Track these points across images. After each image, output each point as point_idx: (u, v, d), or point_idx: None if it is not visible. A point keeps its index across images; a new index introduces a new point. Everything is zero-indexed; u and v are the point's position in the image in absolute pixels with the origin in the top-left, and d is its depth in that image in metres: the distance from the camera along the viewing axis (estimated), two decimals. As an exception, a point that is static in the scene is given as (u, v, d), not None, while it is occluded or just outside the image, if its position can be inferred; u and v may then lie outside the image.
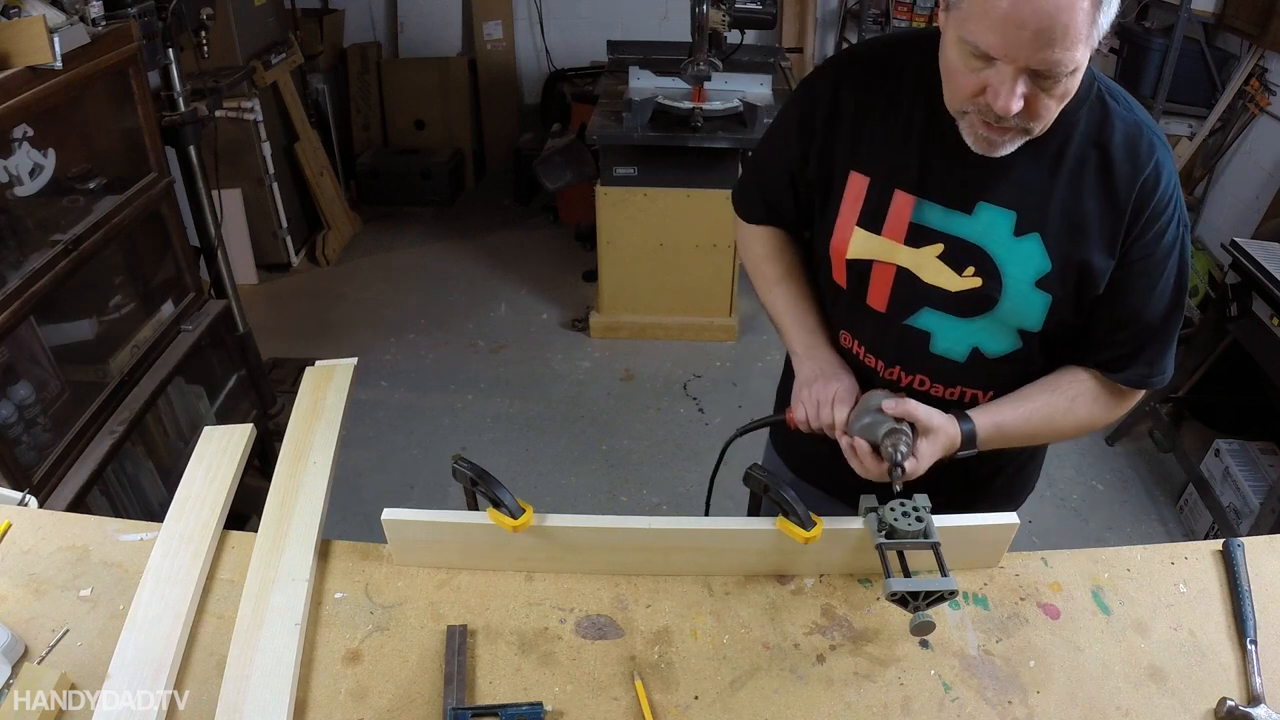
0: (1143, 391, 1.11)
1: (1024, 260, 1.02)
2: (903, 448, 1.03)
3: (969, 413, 1.08)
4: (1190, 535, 2.67)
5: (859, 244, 1.09)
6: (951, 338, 1.10)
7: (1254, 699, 0.94)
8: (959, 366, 1.12)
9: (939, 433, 1.05)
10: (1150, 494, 2.86)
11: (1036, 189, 1.00)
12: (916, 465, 1.03)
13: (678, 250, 3.44)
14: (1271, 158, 3.24)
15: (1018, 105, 0.87)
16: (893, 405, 1.06)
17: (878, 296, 1.12)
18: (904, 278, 1.08)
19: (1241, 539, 1.12)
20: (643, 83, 3.47)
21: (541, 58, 4.94)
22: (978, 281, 1.04)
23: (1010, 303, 1.04)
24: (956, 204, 1.03)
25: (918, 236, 1.05)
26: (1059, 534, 2.66)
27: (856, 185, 1.08)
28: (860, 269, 1.11)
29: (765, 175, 1.24)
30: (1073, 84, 0.89)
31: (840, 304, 1.19)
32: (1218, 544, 1.13)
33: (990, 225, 1.02)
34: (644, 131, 3.14)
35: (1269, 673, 0.97)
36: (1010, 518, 1.04)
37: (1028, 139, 0.95)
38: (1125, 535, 2.68)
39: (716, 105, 3.15)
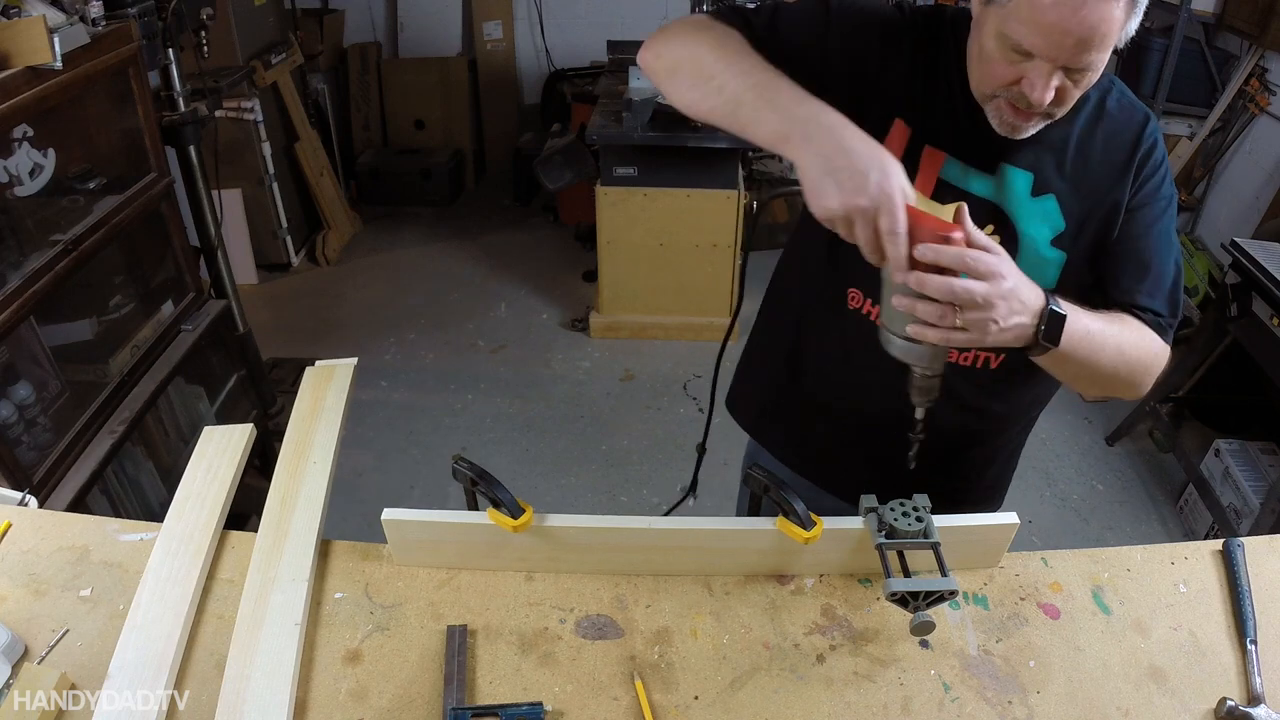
0: (1165, 348, 1.09)
1: (1041, 219, 1.06)
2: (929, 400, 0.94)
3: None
4: (1190, 535, 2.67)
5: None
6: None
7: (1254, 699, 0.94)
8: None
9: (1023, 280, 0.90)
10: (1150, 494, 2.86)
11: (1051, 151, 1.05)
12: (992, 289, 0.85)
13: (678, 250, 3.44)
14: (1271, 158, 3.24)
15: (1050, 96, 0.93)
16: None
17: None
18: None
19: (1241, 539, 1.11)
20: (643, 83, 3.46)
21: (541, 58, 4.94)
22: (995, 240, 1.05)
23: (1025, 261, 1.05)
24: (980, 164, 1.06)
25: (942, 193, 1.07)
26: (1059, 534, 2.66)
27: (899, 134, 1.07)
28: None
29: (783, 33, 1.06)
30: (1096, 75, 0.95)
31: (853, 256, 0.94)
32: (1218, 544, 1.13)
33: (1009, 185, 1.06)
34: (644, 131, 3.14)
35: (1269, 673, 0.97)
36: (1010, 517, 1.04)
37: (1049, 120, 1.00)
38: (1125, 535, 2.68)
39: (716, 105, 3.15)
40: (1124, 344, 1.03)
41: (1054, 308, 0.92)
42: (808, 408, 1.31)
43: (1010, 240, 1.07)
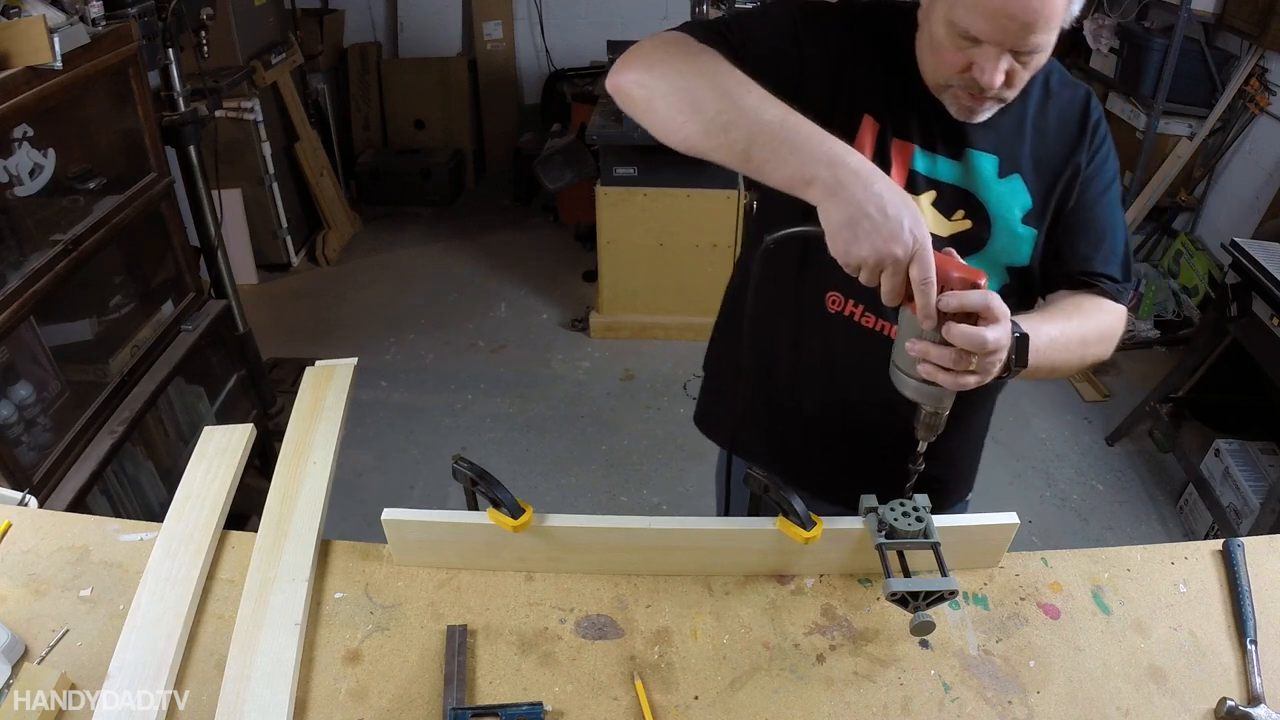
0: (1124, 311, 1.12)
1: (1010, 199, 1.09)
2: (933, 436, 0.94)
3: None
4: (1190, 535, 2.67)
5: None
6: None
7: (1254, 699, 0.94)
8: None
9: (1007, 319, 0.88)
10: (1150, 494, 2.86)
11: (1010, 133, 1.09)
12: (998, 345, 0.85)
13: (678, 250, 3.44)
14: (1271, 158, 3.24)
15: (1001, 80, 0.96)
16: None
17: None
18: None
19: (1241, 539, 1.11)
20: (643, 83, 3.46)
21: (541, 58, 4.94)
22: (967, 224, 1.09)
23: (999, 241, 1.10)
24: (947, 152, 1.08)
25: (913, 185, 1.08)
26: (1059, 534, 2.66)
27: (868, 130, 1.07)
28: None
29: (758, 42, 1.06)
30: (1044, 57, 0.98)
31: (829, 261, 0.93)
32: (1218, 544, 1.13)
33: (976, 169, 1.08)
34: (644, 131, 3.13)
35: (1269, 673, 0.97)
36: (1010, 518, 1.04)
37: (1002, 104, 1.04)
38: (1125, 535, 2.68)
39: (716, 105, 3.15)
40: (1085, 335, 1.06)
41: (1016, 334, 0.90)
42: (787, 414, 1.28)
43: (983, 222, 1.09)
